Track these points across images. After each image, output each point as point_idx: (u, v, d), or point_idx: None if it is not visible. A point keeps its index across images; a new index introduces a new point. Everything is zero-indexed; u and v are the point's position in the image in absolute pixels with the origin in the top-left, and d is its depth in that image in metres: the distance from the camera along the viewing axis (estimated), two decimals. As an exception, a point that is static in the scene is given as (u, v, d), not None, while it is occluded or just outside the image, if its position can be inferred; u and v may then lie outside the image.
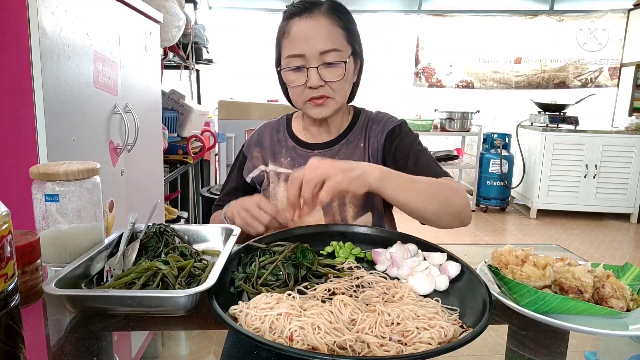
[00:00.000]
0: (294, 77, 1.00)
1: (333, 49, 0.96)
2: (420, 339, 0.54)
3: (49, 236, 0.75)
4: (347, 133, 1.11)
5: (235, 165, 1.20)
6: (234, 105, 3.67)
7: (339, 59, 0.97)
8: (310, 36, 0.96)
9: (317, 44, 0.96)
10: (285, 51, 1.00)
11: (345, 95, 1.04)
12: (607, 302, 0.64)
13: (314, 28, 0.96)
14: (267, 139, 1.16)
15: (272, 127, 1.18)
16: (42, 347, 0.59)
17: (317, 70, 0.97)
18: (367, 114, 1.15)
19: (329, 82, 0.98)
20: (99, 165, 0.80)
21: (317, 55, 0.96)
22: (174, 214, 2.66)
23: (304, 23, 0.97)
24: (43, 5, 1.21)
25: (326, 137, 1.12)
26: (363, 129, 1.11)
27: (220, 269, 0.67)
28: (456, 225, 0.94)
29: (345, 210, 1.07)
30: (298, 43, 0.97)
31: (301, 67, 0.98)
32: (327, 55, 0.96)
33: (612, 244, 3.75)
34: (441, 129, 4.63)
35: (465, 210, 0.93)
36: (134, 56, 1.84)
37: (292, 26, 0.98)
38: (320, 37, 0.96)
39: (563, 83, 5.10)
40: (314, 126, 1.12)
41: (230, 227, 0.90)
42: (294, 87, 1.01)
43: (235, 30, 4.88)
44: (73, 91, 1.38)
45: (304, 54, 0.97)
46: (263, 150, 1.15)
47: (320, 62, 0.97)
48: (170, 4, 2.43)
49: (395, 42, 5.04)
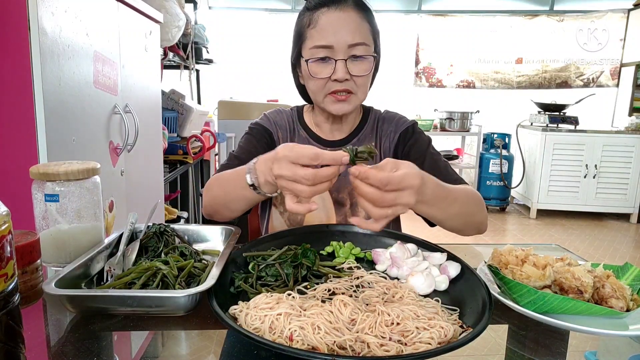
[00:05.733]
0: (319, 69, 0.96)
1: (362, 43, 0.95)
2: (420, 339, 0.54)
3: (49, 236, 0.75)
4: (358, 132, 1.10)
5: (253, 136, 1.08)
6: (234, 105, 3.67)
7: (366, 53, 0.96)
8: (340, 28, 0.94)
9: (346, 37, 0.93)
10: (310, 41, 0.96)
11: (366, 92, 1.02)
12: (607, 302, 0.64)
13: (343, 20, 0.94)
14: (285, 122, 1.11)
15: (286, 114, 1.13)
16: (42, 347, 0.59)
17: (345, 64, 0.94)
18: (376, 112, 1.14)
19: (355, 76, 0.96)
20: (99, 165, 0.80)
21: (345, 48, 0.94)
22: (174, 214, 2.66)
23: (334, 14, 0.95)
24: (43, 6, 1.21)
25: (338, 135, 1.10)
26: (374, 128, 1.11)
27: (220, 269, 0.67)
28: (472, 234, 0.93)
29: (358, 209, 1.06)
30: (327, 34, 0.94)
31: (327, 58, 0.95)
32: (355, 48, 0.94)
33: (612, 244, 3.75)
34: (441, 129, 4.63)
35: (485, 222, 0.93)
36: (134, 56, 1.84)
37: (320, 16, 0.95)
38: (349, 30, 0.94)
39: (565, 83, 5.10)
40: (327, 123, 1.09)
41: (230, 228, 0.90)
42: (318, 80, 0.97)
43: (235, 30, 4.88)
44: (73, 91, 1.38)
45: (333, 46, 0.94)
46: (282, 133, 1.10)
47: (348, 55, 0.94)
48: (170, 4, 2.43)
49: (395, 42, 5.03)
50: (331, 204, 1.07)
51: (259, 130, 1.09)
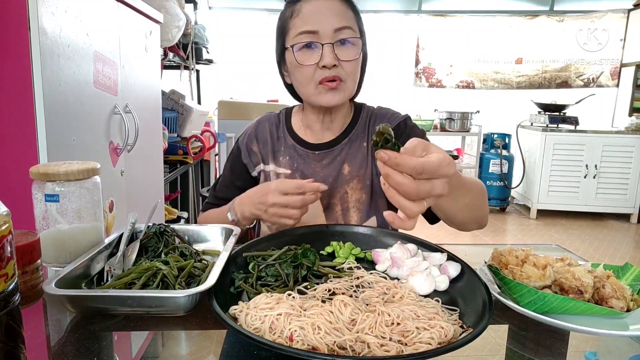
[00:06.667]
0: (306, 56, 0.93)
1: (348, 26, 0.92)
2: (420, 339, 0.54)
3: (49, 236, 0.75)
4: (349, 131, 1.06)
5: (229, 160, 1.14)
6: (234, 105, 3.67)
7: (353, 36, 0.93)
8: (325, 13, 0.92)
9: (332, 21, 0.91)
10: (294, 30, 0.94)
11: (355, 81, 0.98)
12: (607, 302, 0.64)
13: (327, 6, 0.93)
14: (268, 134, 1.09)
15: (271, 121, 1.11)
16: (43, 347, 0.59)
17: (333, 48, 0.91)
18: (369, 109, 1.10)
19: (344, 61, 0.93)
20: (99, 165, 0.80)
21: (331, 33, 0.91)
22: (174, 214, 2.66)
23: (317, 2, 0.93)
24: (43, 6, 1.21)
25: (328, 136, 1.06)
26: (366, 127, 1.07)
27: (220, 269, 0.67)
28: (474, 229, 0.91)
29: (349, 215, 1.04)
30: (311, 20, 0.92)
31: (313, 43, 0.92)
32: (341, 32, 0.92)
33: (612, 244, 3.75)
34: (441, 129, 4.63)
35: (487, 215, 0.90)
36: (134, 56, 1.84)
37: (303, 5, 0.94)
38: (335, 15, 0.92)
39: (565, 83, 5.10)
40: (318, 122, 1.05)
41: (230, 227, 0.90)
42: (305, 68, 0.93)
43: (235, 30, 4.88)
44: (73, 91, 1.38)
45: (318, 31, 0.91)
46: (263, 147, 1.08)
47: (335, 40, 0.92)
48: (170, 4, 2.43)
49: (395, 42, 5.04)
50: (321, 210, 1.04)
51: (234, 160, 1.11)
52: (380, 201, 1.04)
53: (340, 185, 1.04)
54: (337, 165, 1.05)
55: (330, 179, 1.04)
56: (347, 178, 1.04)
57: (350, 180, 1.04)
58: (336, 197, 1.04)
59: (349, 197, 1.04)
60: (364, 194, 1.04)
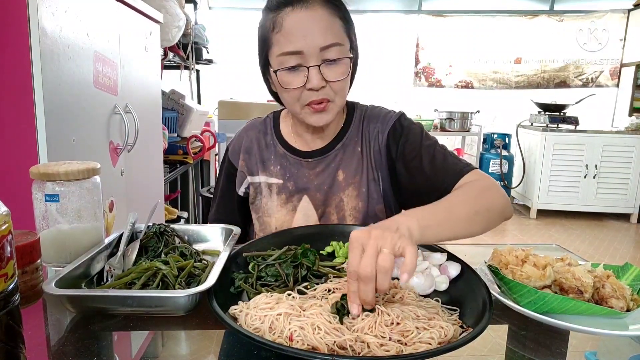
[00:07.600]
0: (291, 79, 0.87)
1: (335, 43, 0.85)
2: (420, 339, 0.54)
3: (49, 236, 0.75)
4: (342, 136, 1.02)
5: (222, 173, 1.10)
6: (234, 105, 3.67)
7: (341, 55, 0.86)
8: (308, 30, 0.83)
9: (317, 39, 0.83)
10: (277, 48, 0.86)
11: (345, 96, 0.93)
12: (607, 302, 0.64)
13: (311, 20, 0.84)
14: (255, 144, 1.04)
15: (257, 129, 1.06)
16: (42, 347, 0.59)
17: (319, 70, 0.85)
18: (362, 109, 1.05)
19: (331, 81, 0.86)
20: (99, 165, 0.80)
21: (317, 52, 0.84)
22: (174, 214, 2.66)
23: (300, 14, 0.84)
24: (43, 6, 1.21)
25: (320, 144, 1.01)
26: (359, 130, 1.02)
27: (220, 269, 0.67)
28: (499, 224, 0.81)
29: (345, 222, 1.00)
30: (294, 38, 0.84)
31: (298, 66, 0.85)
32: (328, 50, 0.84)
33: (612, 244, 3.75)
34: (441, 129, 4.63)
35: (506, 207, 0.81)
36: (134, 56, 1.84)
37: (285, 18, 0.85)
38: (320, 30, 0.83)
39: (564, 83, 5.10)
40: (307, 132, 1.01)
41: (230, 228, 0.90)
42: (291, 91, 0.88)
43: (235, 30, 4.88)
44: (73, 91, 1.38)
45: (302, 51, 0.84)
46: (249, 159, 1.04)
47: (321, 60, 0.85)
48: (170, 4, 2.43)
49: (395, 42, 5.04)
50: (317, 221, 1.01)
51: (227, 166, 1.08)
52: (377, 208, 1.01)
53: (335, 193, 1.01)
54: (331, 172, 1.01)
55: (325, 186, 1.01)
56: (343, 185, 1.01)
57: (346, 188, 1.00)
58: (332, 205, 1.01)
59: (344, 205, 1.00)
60: (360, 201, 1.00)
